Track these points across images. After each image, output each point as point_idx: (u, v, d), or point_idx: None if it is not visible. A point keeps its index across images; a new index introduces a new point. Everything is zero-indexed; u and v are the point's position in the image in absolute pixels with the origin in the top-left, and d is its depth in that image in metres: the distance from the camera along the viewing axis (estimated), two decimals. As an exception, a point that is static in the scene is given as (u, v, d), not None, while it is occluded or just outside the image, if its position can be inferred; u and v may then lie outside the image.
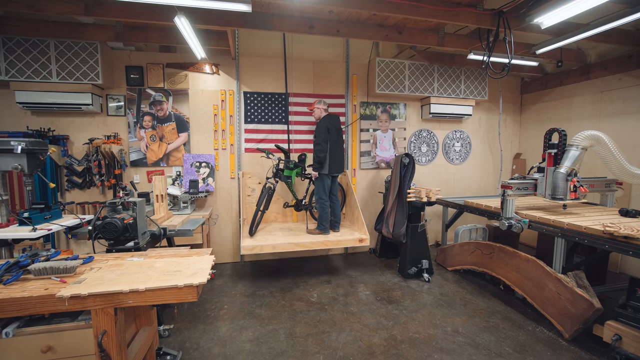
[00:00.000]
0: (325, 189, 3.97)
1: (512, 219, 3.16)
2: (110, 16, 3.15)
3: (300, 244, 3.72)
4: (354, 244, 3.90)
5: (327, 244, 3.83)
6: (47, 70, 3.63)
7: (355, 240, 3.89)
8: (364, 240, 3.87)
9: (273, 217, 4.67)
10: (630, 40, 3.91)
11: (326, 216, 3.99)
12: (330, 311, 3.22)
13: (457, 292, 3.66)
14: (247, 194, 4.51)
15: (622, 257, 4.26)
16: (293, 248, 3.70)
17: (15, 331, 1.52)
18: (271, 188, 4.00)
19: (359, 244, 3.88)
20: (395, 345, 2.67)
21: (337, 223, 4.17)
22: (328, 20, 3.66)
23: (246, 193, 4.50)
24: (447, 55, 4.84)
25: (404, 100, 5.12)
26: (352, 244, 3.90)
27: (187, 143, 4.36)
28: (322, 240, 3.82)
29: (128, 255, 2.08)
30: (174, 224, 3.02)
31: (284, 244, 3.68)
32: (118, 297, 1.54)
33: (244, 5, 2.67)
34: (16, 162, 2.28)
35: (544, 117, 5.39)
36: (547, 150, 3.30)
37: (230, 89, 4.43)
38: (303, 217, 4.72)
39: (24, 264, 1.73)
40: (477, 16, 3.39)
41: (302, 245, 3.73)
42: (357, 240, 3.88)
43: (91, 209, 4.06)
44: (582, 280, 2.80)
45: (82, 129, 4.05)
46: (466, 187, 5.59)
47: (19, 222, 2.31)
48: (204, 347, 2.63)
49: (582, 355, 2.55)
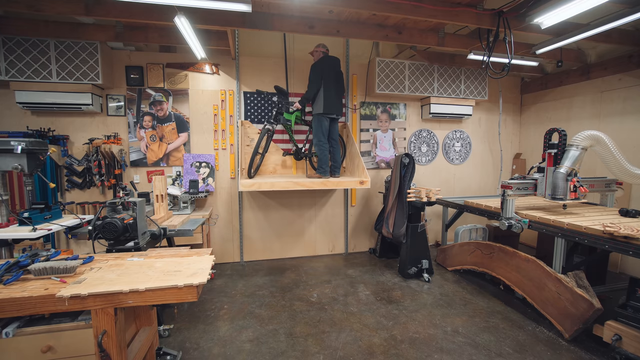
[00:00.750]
0: (323, 130, 3.90)
1: (512, 219, 3.16)
2: (110, 16, 3.15)
3: (299, 182, 3.66)
4: (355, 186, 3.83)
5: (327, 184, 3.78)
6: (47, 70, 3.63)
7: (356, 182, 3.80)
8: (364, 182, 3.79)
9: (272, 168, 4.58)
10: (630, 40, 3.91)
11: (325, 159, 3.92)
12: (330, 311, 3.22)
13: (457, 292, 3.66)
14: (246, 143, 4.41)
15: (622, 257, 4.26)
16: (292, 187, 3.65)
17: (15, 331, 1.52)
18: (270, 130, 3.95)
19: (359, 185, 3.81)
20: (395, 345, 2.67)
21: (337, 168, 4.10)
22: (328, 20, 3.66)
23: (245, 143, 4.39)
24: (447, 55, 4.84)
25: (404, 100, 5.12)
26: (352, 185, 3.82)
27: (187, 143, 4.36)
28: (322, 181, 3.77)
29: (128, 255, 2.08)
30: (174, 224, 3.02)
31: (283, 182, 3.61)
32: (118, 297, 1.54)
33: (244, 5, 2.68)
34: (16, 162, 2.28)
35: (544, 117, 5.39)
36: (547, 150, 3.30)
37: (230, 89, 4.43)
38: (303, 169, 4.64)
39: (24, 264, 1.73)
40: (477, 16, 3.39)
41: (301, 185, 3.66)
42: (358, 182, 3.79)
43: (91, 209, 4.06)
44: (582, 280, 2.80)
45: (82, 129, 4.05)
46: (466, 187, 5.59)
47: (19, 222, 2.31)
48: (204, 347, 2.63)
49: (582, 355, 2.55)
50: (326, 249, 4.99)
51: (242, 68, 4.44)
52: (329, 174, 3.97)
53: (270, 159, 4.52)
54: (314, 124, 3.95)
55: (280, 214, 4.74)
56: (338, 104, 4.02)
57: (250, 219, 4.64)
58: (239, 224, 4.59)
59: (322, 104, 3.83)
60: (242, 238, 4.63)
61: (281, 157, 4.54)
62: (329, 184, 3.78)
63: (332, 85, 3.90)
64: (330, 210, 4.93)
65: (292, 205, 4.77)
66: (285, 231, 4.78)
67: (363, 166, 4.02)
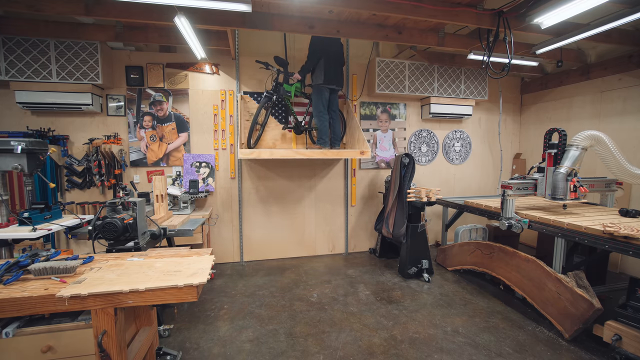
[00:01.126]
0: (323, 102, 3.87)
1: (512, 219, 3.16)
2: (110, 16, 3.15)
3: (299, 152, 3.68)
4: (355, 156, 3.82)
5: (326, 154, 3.80)
6: (47, 70, 3.63)
7: (356, 152, 3.79)
8: (365, 153, 3.78)
9: (272, 143, 4.54)
10: (630, 40, 3.91)
11: (325, 130, 3.90)
12: (330, 311, 3.22)
13: (457, 292, 3.66)
14: (245, 118, 4.37)
15: (622, 257, 4.26)
16: (292, 155, 3.67)
17: (15, 331, 1.52)
18: (269, 99, 3.92)
19: (360, 155, 3.81)
20: (395, 345, 2.67)
21: (337, 141, 4.08)
22: (328, 20, 3.66)
23: (244, 117, 4.36)
24: (447, 55, 4.84)
25: (404, 100, 5.12)
26: (352, 155, 3.82)
27: (187, 143, 4.36)
28: (322, 151, 3.78)
29: (128, 255, 2.08)
30: (174, 224, 3.02)
31: (282, 151, 3.62)
32: (118, 297, 1.54)
33: (244, 5, 2.67)
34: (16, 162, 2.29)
35: (544, 117, 5.39)
36: (547, 150, 3.30)
37: (230, 89, 4.43)
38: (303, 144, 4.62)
39: (24, 264, 1.73)
40: (477, 16, 3.39)
41: (301, 154, 3.68)
42: (359, 152, 3.78)
43: (91, 209, 4.06)
44: (582, 280, 2.80)
45: (82, 129, 4.05)
46: (466, 187, 5.59)
47: (19, 222, 2.32)
48: (204, 347, 2.63)
49: (582, 355, 2.55)
50: (326, 248, 5.00)
51: (242, 68, 4.44)
52: (329, 145, 3.93)
53: (270, 134, 4.50)
54: (314, 95, 3.90)
55: (280, 214, 4.74)
56: (339, 75, 4.00)
57: (250, 218, 4.64)
58: (239, 224, 4.59)
59: (322, 75, 3.80)
60: (242, 238, 4.63)
61: (281, 131, 4.50)
62: (328, 154, 3.78)
63: (332, 56, 3.87)
64: (330, 210, 4.93)
65: (292, 204, 4.76)
66: (285, 231, 4.79)
67: (363, 138, 4.00)
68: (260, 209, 4.66)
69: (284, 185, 4.71)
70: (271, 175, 4.65)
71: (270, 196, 4.68)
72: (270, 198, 4.68)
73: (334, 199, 4.93)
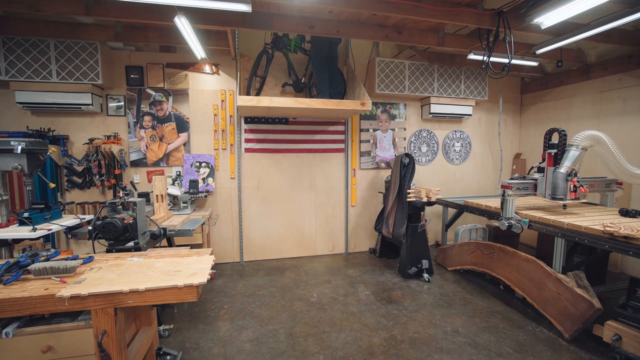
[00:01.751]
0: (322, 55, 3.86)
1: (512, 219, 3.16)
2: (110, 16, 3.15)
3: (299, 100, 3.65)
4: (356, 107, 3.83)
5: (327, 103, 3.77)
6: (47, 70, 3.63)
7: (357, 104, 3.80)
8: (365, 104, 3.79)
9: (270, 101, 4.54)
10: (630, 40, 3.91)
11: (324, 83, 3.89)
12: (330, 311, 3.22)
13: (457, 292, 3.66)
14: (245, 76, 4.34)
15: (622, 257, 4.26)
16: (292, 104, 3.65)
17: (15, 331, 1.52)
18: (269, 52, 3.92)
19: (360, 107, 3.81)
20: (395, 345, 2.67)
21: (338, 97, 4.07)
22: (328, 20, 3.66)
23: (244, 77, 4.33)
24: (447, 55, 4.84)
25: (404, 100, 5.12)
26: (353, 106, 3.82)
27: (187, 143, 4.36)
28: (322, 101, 3.77)
29: (128, 255, 2.08)
30: (174, 224, 3.02)
31: (282, 99, 3.59)
32: (118, 297, 1.54)
33: (244, 5, 2.67)
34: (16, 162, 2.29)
35: (544, 117, 5.39)
36: (547, 150, 3.30)
37: (230, 89, 4.43)
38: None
39: (24, 264, 1.73)
40: (477, 16, 3.39)
41: (302, 102, 3.65)
42: (360, 103, 3.79)
43: (91, 209, 4.06)
44: (582, 280, 2.80)
45: (82, 129, 4.05)
46: (466, 187, 5.59)
47: (19, 222, 2.32)
48: (204, 347, 2.63)
49: (582, 355, 2.55)
50: (326, 248, 5.00)
51: (242, 68, 4.44)
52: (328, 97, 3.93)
53: (269, 93, 4.48)
54: (312, 49, 3.87)
55: (280, 214, 4.74)
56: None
57: (250, 218, 4.64)
58: (239, 224, 4.59)
59: None
60: (242, 238, 4.63)
61: (280, 89, 4.48)
62: (329, 104, 3.75)
63: None
64: (330, 211, 4.93)
65: (292, 204, 4.77)
66: (285, 231, 4.79)
67: (364, 92, 3.99)
68: (260, 209, 4.66)
69: (284, 185, 4.71)
70: (271, 174, 4.65)
71: (270, 196, 4.68)
72: (270, 198, 4.68)
73: (334, 198, 4.93)
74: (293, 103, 3.62)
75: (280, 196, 4.70)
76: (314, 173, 4.82)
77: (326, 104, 3.75)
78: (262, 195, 4.65)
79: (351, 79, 4.50)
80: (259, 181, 4.60)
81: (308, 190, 4.81)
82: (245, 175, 4.56)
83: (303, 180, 4.79)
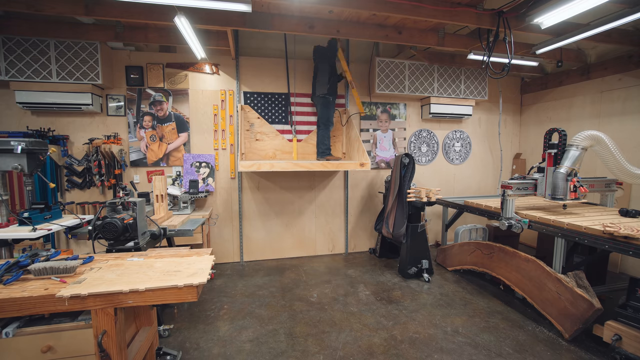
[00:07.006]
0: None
1: (512, 219, 3.16)
2: (110, 16, 3.15)
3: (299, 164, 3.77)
4: (355, 168, 3.87)
5: (327, 165, 3.86)
6: (47, 70, 3.63)
7: (356, 164, 3.84)
8: (364, 165, 3.84)
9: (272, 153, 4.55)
10: (630, 40, 3.91)
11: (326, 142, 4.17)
12: (330, 311, 3.22)
13: (457, 292, 3.66)
14: (245, 128, 4.41)
15: (622, 257, 4.25)
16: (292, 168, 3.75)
17: (15, 331, 1.52)
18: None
19: (360, 167, 3.85)
20: (395, 345, 2.67)
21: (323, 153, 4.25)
22: (328, 20, 3.66)
23: (244, 127, 4.39)
24: (447, 55, 4.83)
25: (404, 100, 5.12)
26: (352, 167, 3.88)
27: (187, 143, 4.35)
28: (321, 163, 3.87)
29: (128, 255, 2.08)
30: (174, 224, 3.02)
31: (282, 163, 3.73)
32: (118, 297, 1.54)
33: (244, 5, 2.67)
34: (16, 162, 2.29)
35: (544, 117, 5.39)
36: (547, 150, 3.30)
37: (230, 89, 4.43)
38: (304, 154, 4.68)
39: (24, 264, 1.73)
40: (477, 16, 3.39)
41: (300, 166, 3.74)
42: (358, 164, 3.84)
43: (91, 209, 4.06)
44: (582, 280, 2.80)
45: (82, 129, 4.05)
46: (466, 187, 5.59)
47: (19, 222, 2.31)
48: (204, 347, 2.63)
49: (582, 355, 2.55)
50: (326, 248, 4.99)
51: (242, 68, 4.44)
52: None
53: (271, 144, 4.52)
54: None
55: (280, 214, 4.74)
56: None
57: (250, 218, 4.64)
58: (239, 223, 4.59)
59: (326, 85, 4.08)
60: (242, 238, 4.63)
61: (281, 141, 4.54)
62: (329, 166, 3.81)
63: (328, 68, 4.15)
64: (330, 210, 4.93)
65: (292, 204, 4.76)
66: (285, 231, 4.78)
67: (363, 149, 4.03)
68: (261, 209, 4.66)
69: (284, 185, 4.71)
70: (271, 175, 4.64)
71: (271, 196, 4.68)
72: (270, 198, 4.68)
73: (334, 198, 4.93)
74: (293, 167, 3.70)
75: (280, 196, 4.70)
76: (314, 174, 4.82)
77: (326, 166, 3.82)
78: (263, 196, 4.64)
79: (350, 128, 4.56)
80: (259, 181, 4.60)
81: (308, 190, 4.81)
82: (245, 175, 4.55)
83: (303, 180, 4.78)
